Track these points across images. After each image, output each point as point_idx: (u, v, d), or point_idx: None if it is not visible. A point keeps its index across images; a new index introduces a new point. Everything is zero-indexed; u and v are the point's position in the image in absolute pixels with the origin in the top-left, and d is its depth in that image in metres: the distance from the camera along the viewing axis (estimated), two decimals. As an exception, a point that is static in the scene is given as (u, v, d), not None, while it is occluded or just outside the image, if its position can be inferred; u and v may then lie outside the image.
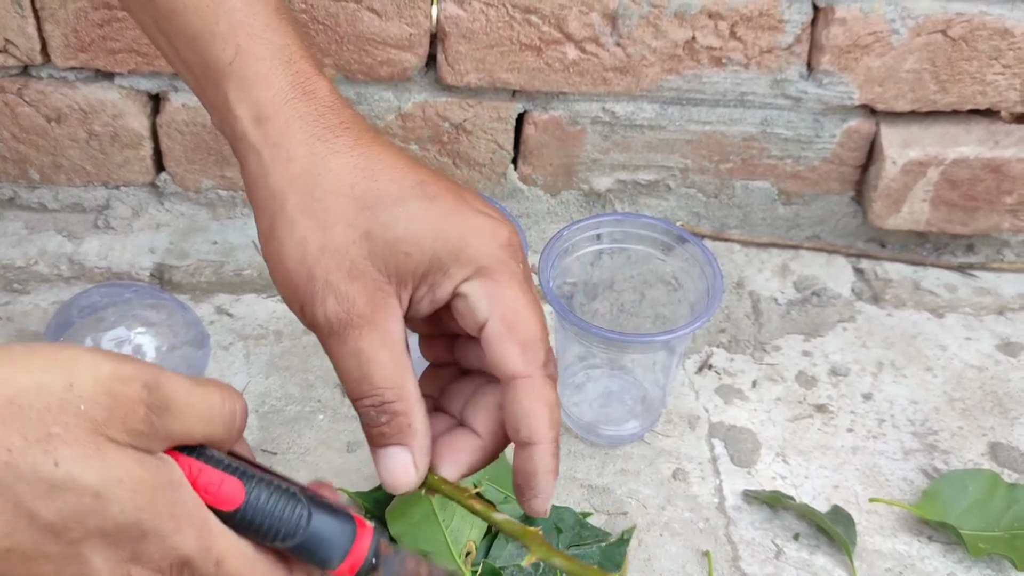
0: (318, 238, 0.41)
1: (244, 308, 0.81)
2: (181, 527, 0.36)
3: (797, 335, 0.81)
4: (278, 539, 0.38)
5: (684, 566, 0.64)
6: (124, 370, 0.35)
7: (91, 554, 0.36)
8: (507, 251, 0.43)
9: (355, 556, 0.39)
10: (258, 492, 0.37)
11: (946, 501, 0.66)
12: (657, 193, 0.86)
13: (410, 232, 0.42)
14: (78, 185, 0.84)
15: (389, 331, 0.42)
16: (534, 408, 0.41)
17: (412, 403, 0.42)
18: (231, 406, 0.38)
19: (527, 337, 0.42)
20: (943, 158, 0.81)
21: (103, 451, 0.34)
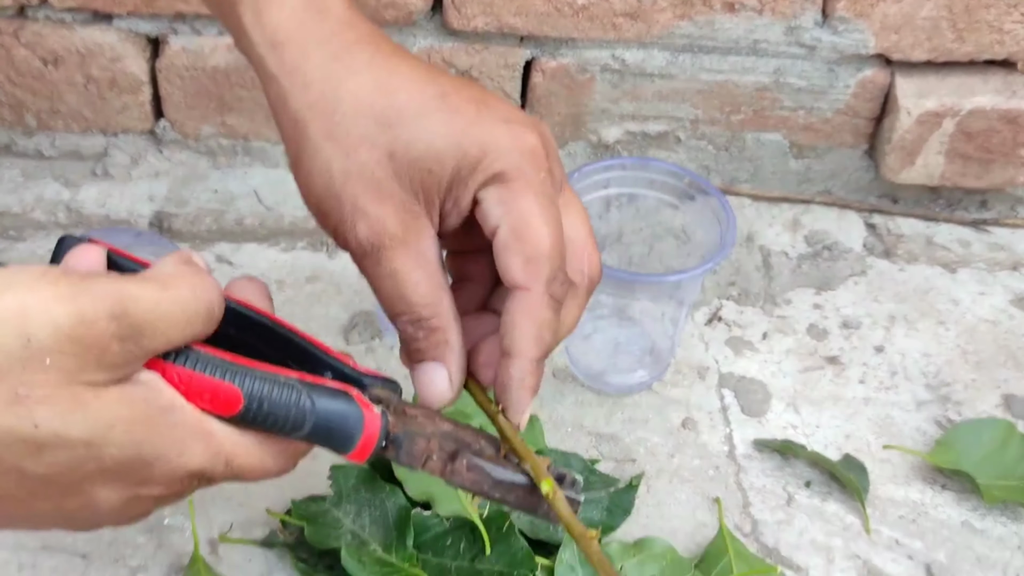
0: (342, 163, 0.41)
1: (245, 257, 0.79)
2: (185, 446, 0.35)
3: (808, 289, 0.80)
4: (284, 432, 0.37)
5: (694, 512, 0.63)
6: (82, 308, 0.32)
7: (94, 489, 0.35)
8: (527, 159, 0.41)
9: (366, 439, 0.37)
10: (255, 392, 0.36)
11: (961, 449, 0.65)
12: (666, 145, 0.85)
13: (432, 148, 0.41)
14: (76, 132, 0.82)
15: (422, 250, 0.41)
16: (522, 322, 0.40)
17: (448, 320, 0.41)
18: (206, 298, 0.36)
19: (533, 250, 0.40)
20: (959, 109, 0.79)
21: (83, 400, 0.32)
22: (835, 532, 0.62)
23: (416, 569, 0.56)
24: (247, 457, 0.37)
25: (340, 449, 0.38)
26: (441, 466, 0.39)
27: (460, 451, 0.39)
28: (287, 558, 0.59)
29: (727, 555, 0.58)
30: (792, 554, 0.61)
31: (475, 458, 0.39)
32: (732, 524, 0.62)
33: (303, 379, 0.37)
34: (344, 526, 0.59)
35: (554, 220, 0.41)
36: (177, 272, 0.36)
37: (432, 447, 0.39)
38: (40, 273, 0.32)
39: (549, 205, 0.41)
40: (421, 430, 0.39)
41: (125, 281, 0.34)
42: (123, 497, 0.35)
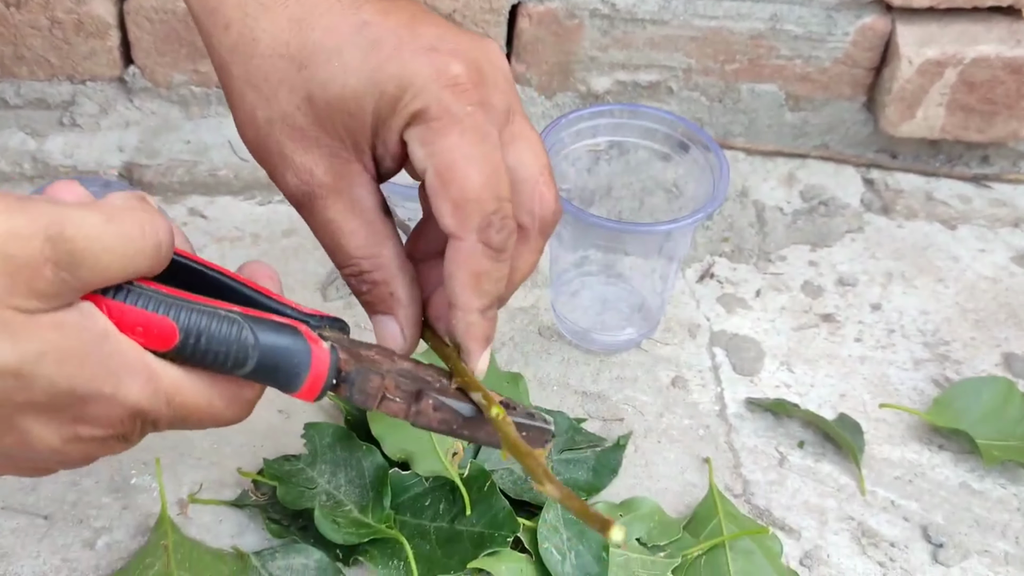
0: (264, 109, 0.38)
1: (219, 210, 0.76)
2: (121, 380, 0.32)
3: (803, 245, 0.77)
4: (227, 368, 0.34)
5: (683, 472, 0.61)
6: (18, 223, 0.29)
7: (27, 424, 0.32)
8: (450, 92, 0.37)
9: (315, 375, 0.35)
10: (192, 325, 0.33)
11: (959, 408, 0.63)
12: (658, 96, 0.82)
13: (348, 88, 0.37)
14: (41, 79, 0.78)
15: (356, 198, 0.38)
16: (458, 273, 0.38)
17: (391, 272, 0.39)
18: (153, 236, 0.33)
19: (460, 194, 0.37)
20: (962, 57, 0.76)
21: (12, 326, 0.30)
22: (829, 493, 0.60)
23: (394, 530, 0.54)
24: (192, 396, 0.34)
25: (287, 387, 0.35)
26: (405, 408, 0.36)
27: (423, 390, 0.36)
28: (259, 519, 0.57)
29: (717, 516, 0.56)
30: (784, 515, 0.59)
31: (440, 396, 0.36)
32: (723, 485, 0.60)
33: (245, 313, 0.34)
34: (318, 486, 0.56)
35: (485, 159, 0.37)
36: (126, 206, 0.33)
37: (388, 385, 0.36)
38: None
39: (479, 142, 0.37)
40: (375, 367, 0.36)
41: (67, 206, 0.31)
42: (61, 436, 0.33)
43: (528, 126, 0.40)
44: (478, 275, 0.37)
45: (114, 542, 0.56)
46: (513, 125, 0.39)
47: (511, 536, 0.53)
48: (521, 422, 0.37)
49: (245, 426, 0.61)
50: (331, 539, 0.53)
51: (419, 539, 0.54)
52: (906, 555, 0.57)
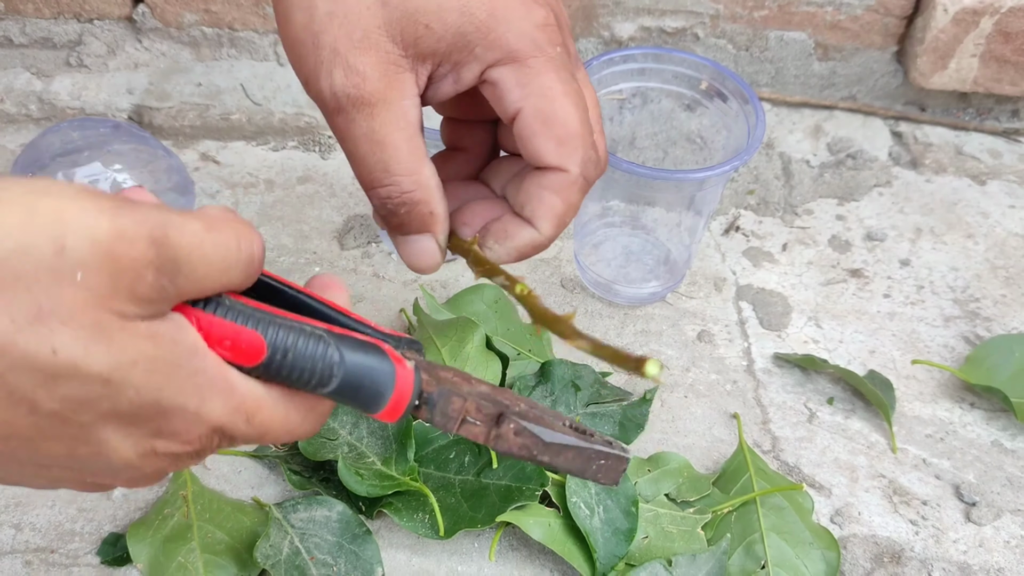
0: (327, 2, 0.36)
1: (232, 155, 0.74)
2: (205, 397, 0.31)
3: (830, 199, 0.75)
4: (311, 387, 0.33)
5: (711, 428, 0.60)
6: (125, 224, 0.28)
7: (106, 435, 0.31)
8: (543, 33, 0.37)
9: (398, 397, 0.34)
10: (280, 342, 0.32)
11: (992, 366, 0.62)
12: (684, 43, 0.79)
13: (433, 1, 0.36)
14: (47, 17, 0.76)
15: (404, 111, 0.37)
16: (552, 200, 0.38)
17: (432, 190, 0.38)
18: (248, 249, 0.32)
19: (564, 131, 0.37)
20: (999, 6, 0.74)
21: (109, 331, 0.28)
22: (859, 450, 0.59)
23: (418, 483, 0.53)
24: (271, 412, 0.33)
25: (369, 408, 0.34)
26: (485, 431, 0.35)
27: (505, 414, 0.35)
28: (278, 470, 0.56)
29: (748, 472, 0.55)
30: (814, 472, 0.58)
31: (522, 421, 0.35)
32: (751, 441, 0.59)
33: (331, 330, 0.33)
34: (340, 437, 0.55)
35: (580, 98, 0.37)
36: (223, 217, 0.31)
37: (469, 407, 0.35)
38: (81, 186, 0.29)
39: (571, 81, 0.37)
40: (456, 389, 0.35)
41: (170, 211, 0.30)
42: (138, 450, 0.32)
43: (585, 73, 0.41)
44: (569, 207, 0.38)
45: (131, 492, 0.54)
46: (579, 71, 0.40)
47: (539, 490, 0.52)
48: (600, 450, 0.36)
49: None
50: (355, 491, 0.52)
51: (444, 492, 0.53)
52: (938, 513, 0.56)
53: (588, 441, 0.36)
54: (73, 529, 0.53)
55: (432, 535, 0.52)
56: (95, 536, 0.53)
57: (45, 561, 0.52)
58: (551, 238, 0.39)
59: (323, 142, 0.75)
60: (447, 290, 0.66)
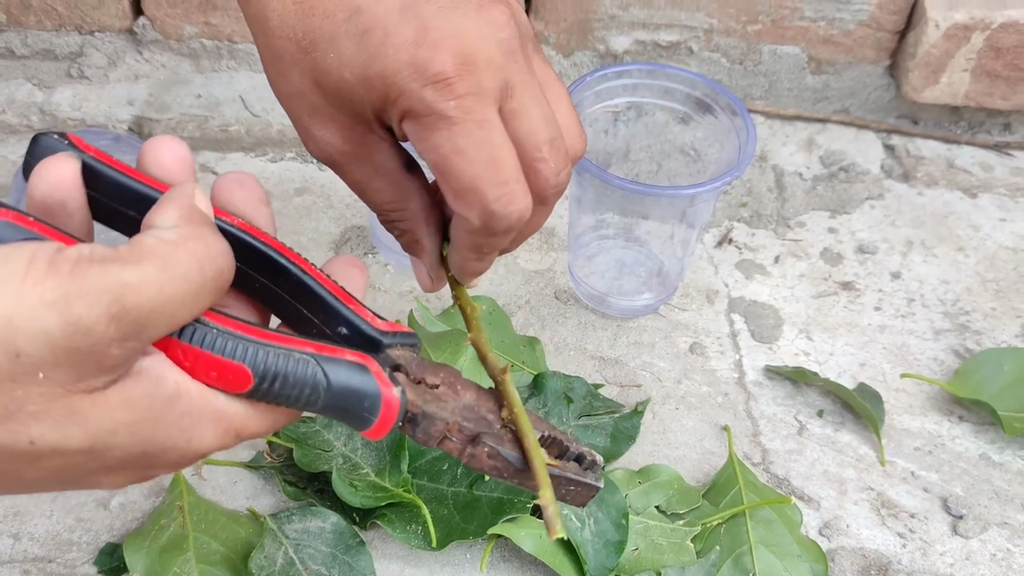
0: (283, 84, 0.39)
1: (231, 166, 0.75)
2: (193, 433, 0.32)
3: (822, 211, 0.76)
4: (297, 407, 0.34)
5: (701, 440, 0.60)
6: (77, 312, 0.28)
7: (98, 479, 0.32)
8: (433, 90, 0.36)
9: (383, 420, 0.34)
10: (268, 369, 0.32)
11: (980, 379, 0.62)
12: (678, 57, 0.80)
13: (344, 80, 0.37)
14: (49, 29, 0.77)
15: (377, 162, 0.40)
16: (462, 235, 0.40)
17: (416, 222, 0.41)
18: (213, 267, 0.31)
19: (457, 187, 0.37)
20: (990, 22, 0.75)
21: (80, 411, 0.29)
22: (848, 463, 0.60)
23: (411, 495, 0.53)
24: (259, 423, 0.34)
25: (354, 427, 0.35)
26: (460, 448, 0.37)
27: (481, 435, 0.36)
28: (274, 481, 0.56)
29: (737, 485, 0.55)
30: (804, 485, 0.59)
31: (496, 445, 0.36)
32: (741, 453, 0.60)
33: (319, 351, 0.33)
34: (335, 449, 0.56)
35: (479, 148, 0.37)
36: (179, 238, 0.31)
37: (451, 428, 0.36)
38: (25, 267, 0.28)
39: (468, 133, 0.37)
40: (440, 410, 0.36)
41: (121, 267, 0.29)
42: (130, 479, 0.33)
43: (532, 95, 0.39)
44: (480, 245, 0.40)
45: (128, 502, 0.55)
46: (513, 100, 0.38)
47: (531, 502, 0.53)
48: (570, 477, 0.38)
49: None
50: (348, 502, 0.53)
51: (436, 504, 0.54)
52: (926, 526, 0.57)
53: (560, 468, 0.37)
54: (71, 539, 0.54)
55: (425, 546, 0.53)
56: (92, 546, 0.53)
57: (43, 571, 0.52)
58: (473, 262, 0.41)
59: (321, 153, 0.76)
60: (442, 302, 0.67)
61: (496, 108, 0.38)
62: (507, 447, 0.36)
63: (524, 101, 0.39)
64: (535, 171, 0.39)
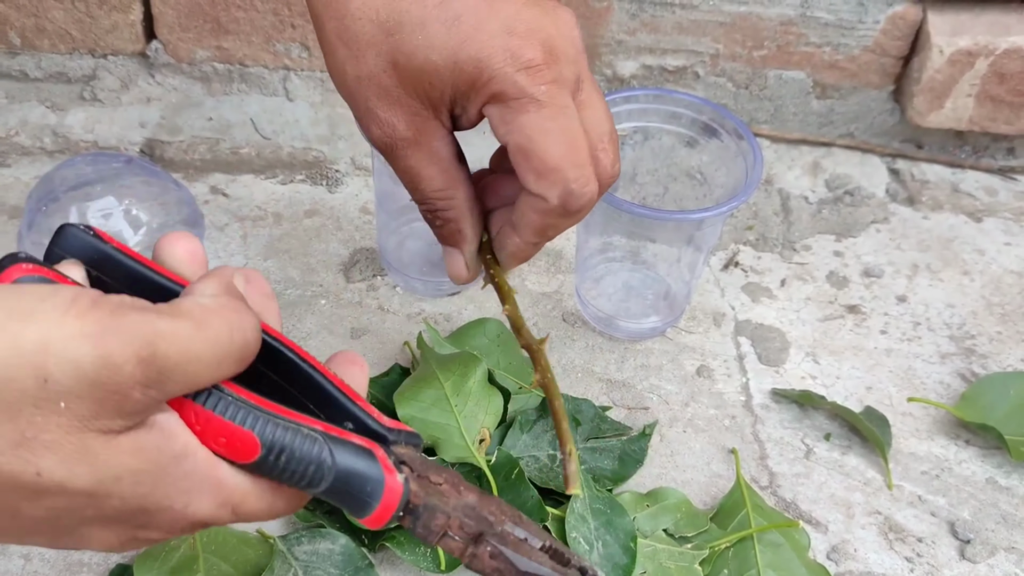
0: (353, 66, 0.41)
1: (241, 188, 0.76)
2: (192, 498, 0.32)
3: (828, 235, 0.77)
4: (301, 486, 0.34)
5: (709, 463, 0.61)
6: (111, 348, 0.28)
7: (91, 532, 0.32)
8: (525, 75, 0.40)
9: (384, 507, 0.35)
10: (276, 442, 0.33)
11: (987, 403, 0.62)
12: (684, 81, 0.81)
13: (430, 61, 0.40)
14: (63, 52, 0.78)
15: (434, 149, 0.42)
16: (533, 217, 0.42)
17: (462, 211, 0.44)
18: (241, 339, 0.32)
19: (542, 167, 0.41)
20: (994, 48, 0.75)
21: (92, 450, 0.29)
22: (855, 487, 0.60)
23: (420, 516, 0.54)
24: (256, 503, 0.34)
25: (354, 512, 0.35)
26: (462, 547, 0.36)
27: (484, 534, 0.36)
28: (284, 502, 0.57)
29: (745, 508, 0.55)
30: (811, 508, 0.59)
31: (499, 546, 0.36)
32: (748, 476, 0.60)
33: (327, 431, 0.34)
34: (344, 470, 0.56)
35: (563, 131, 0.40)
36: (215, 306, 0.32)
37: (452, 524, 0.36)
38: (69, 302, 0.29)
39: (555, 116, 0.40)
40: (442, 504, 0.36)
41: (159, 317, 0.30)
42: (120, 539, 0.33)
43: (595, 91, 0.43)
44: (549, 227, 0.42)
45: (139, 523, 0.55)
46: (582, 93, 0.42)
47: (539, 525, 0.53)
48: None
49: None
50: (357, 525, 0.53)
51: (446, 526, 0.54)
52: (933, 551, 0.57)
53: (562, 571, 0.37)
54: (81, 560, 0.54)
55: (433, 568, 0.53)
56: (103, 567, 0.54)
57: (53, 591, 0.53)
58: (531, 246, 0.44)
59: (330, 176, 0.77)
60: (451, 323, 0.67)
61: (572, 97, 0.41)
62: (510, 549, 0.36)
63: (591, 95, 0.43)
64: (597, 160, 0.42)
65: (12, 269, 0.31)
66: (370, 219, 0.74)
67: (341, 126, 0.78)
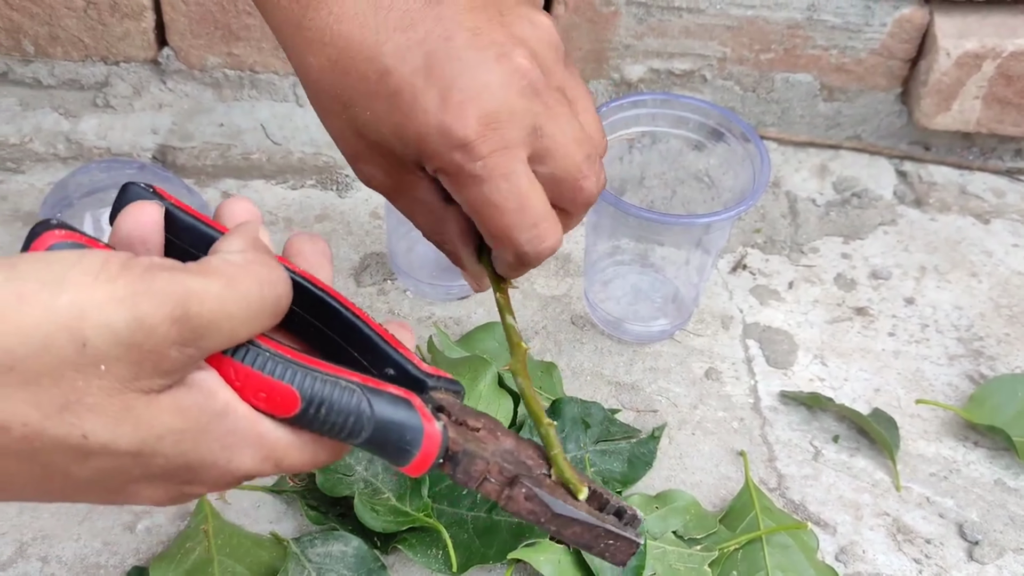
0: (327, 125, 0.43)
1: (252, 194, 0.76)
2: (234, 453, 0.33)
3: (836, 237, 0.77)
4: (341, 437, 0.35)
5: (718, 465, 0.61)
6: (144, 310, 0.29)
7: (137, 489, 0.33)
8: (460, 154, 0.39)
9: (424, 454, 0.35)
10: (315, 395, 0.33)
11: (995, 405, 0.63)
12: (692, 84, 0.81)
13: (381, 136, 0.41)
14: (75, 60, 0.78)
15: (418, 197, 0.44)
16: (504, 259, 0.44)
17: (455, 243, 0.45)
18: (272, 294, 0.33)
19: (493, 231, 0.42)
20: (1001, 50, 0.76)
21: (134, 410, 0.30)
22: (864, 488, 0.60)
23: (432, 519, 0.54)
24: (299, 455, 0.35)
25: (395, 461, 0.35)
26: (498, 490, 0.37)
27: (519, 477, 0.37)
28: (296, 505, 0.57)
29: (754, 510, 0.56)
30: (819, 510, 0.59)
31: (535, 487, 0.37)
32: (757, 478, 0.60)
33: (365, 383, 0.34)
34: (356, 473, 0.56)
35: (505, 202, 0.40)
36: (244, 262, 0.32)
37: (492, 469, 0.36)
38: (99, 266, 0.29)
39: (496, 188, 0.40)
40: (481, 449, 0.36)
41: (188, 276, 0.31)
42: (168, 495, 0.34)
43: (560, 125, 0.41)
44: (519, 268, 0.44)
45: (154, 526, 0.56)
46: (543, 139, 0.41)
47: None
48: (610, 530, 0.37)
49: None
50: (370, 527, 0.53)
51: (457, 528, 0.55)
52: (941, 552, 0.57)
53: (599, 519, 0.37)
54: (98, 562, 0.55)
55: (445, 570, 0.53)
56: (119, 569, 0.54)
57: (70, 593, 0.53)
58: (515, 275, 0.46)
59: (340, 180, 0.77)
60: (461, 327, 0.68)
61: (526, 154, 0.40)
62: (545, 490, 0.37)
63: (554, 135, 0.41)
64: (580, 189, 0.43)
65: (46, 236, 0.32)
66: (380, 224, 0.74)
67: (351, 131, 0.79)
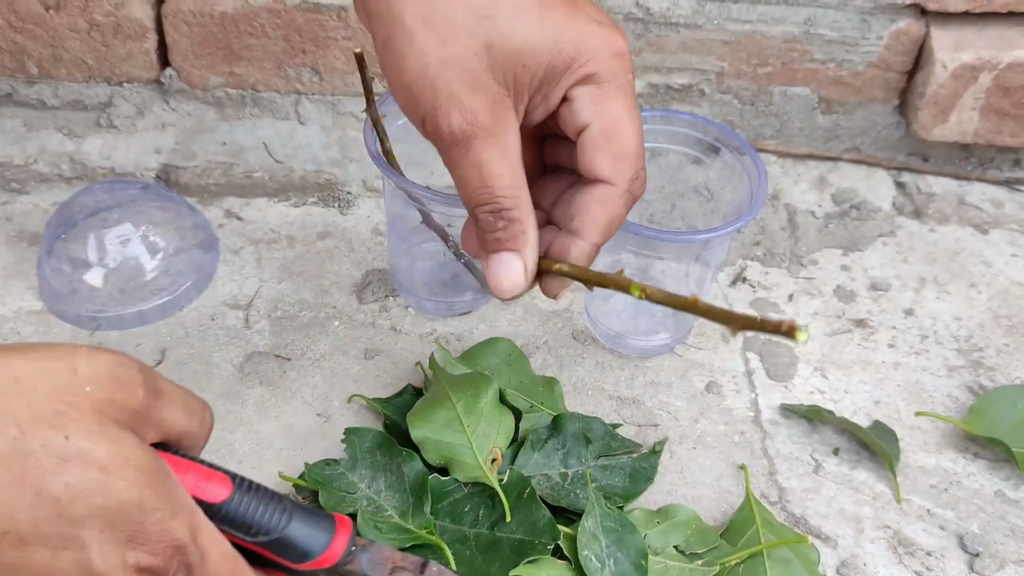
0: (439, 50, 0.41)
1: (255, 212, 0.77)
2: (176, 511, 0.36)
3: (835, 249, 0.77)
4: (260, 533, 0.38)
5: (719, 479, 0.61)
6: (121, 359, 0.37)
7: (90, 537, 0.35)
8: (618, 61, 0.43)
9: (336, 547, 0.40)
10: (242, 487, 0.39)
11: (995, 417, 0.63)
12: (690, 99, 0.82)
13: (528, 43, 0.41)
14: (79, 81, 0.79)
15: (508, 143, 0.42)
16: (598, 211, 0.43)
17: (527, 212, 0.43)
18: (205, 408, 0.40)
19: (622, 149, 0.42)
20: (997, 62, 0.76)
21: (109, 430, 0.35)
22: (865, 501, 0.61)
23: (435, 536, 0.54)
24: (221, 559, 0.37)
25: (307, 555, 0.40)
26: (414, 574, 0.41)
27: (428, 562, 0.42)
28: (301, 523, 0.58)
29: (754, 524, 0.56)
30: (820, 523, 0.59)
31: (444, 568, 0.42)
32: (758, 492, 0.61)
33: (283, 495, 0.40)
34: (359, 491, 0.57)
35: (639, 122, 0.43)
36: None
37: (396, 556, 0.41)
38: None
39: (635, 107, 0.43)
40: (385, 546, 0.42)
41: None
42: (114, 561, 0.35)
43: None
44: (613, 218, 0.43)
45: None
46: None
47: (551, 544, 0.54)
48: None
49: (285, 430, 0.62)
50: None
51: (459, 545, 0.55)
52: (942, 564, 0.58)
53: None
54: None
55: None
56: None
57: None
58: (597, 246, 0.44)
59: (342, 198, 0.78)
60: (462, 343, 0.68)
61: None
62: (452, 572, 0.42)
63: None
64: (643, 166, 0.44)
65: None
66: (382, 240, 0.75)
67: (352, 149, 0.80)
